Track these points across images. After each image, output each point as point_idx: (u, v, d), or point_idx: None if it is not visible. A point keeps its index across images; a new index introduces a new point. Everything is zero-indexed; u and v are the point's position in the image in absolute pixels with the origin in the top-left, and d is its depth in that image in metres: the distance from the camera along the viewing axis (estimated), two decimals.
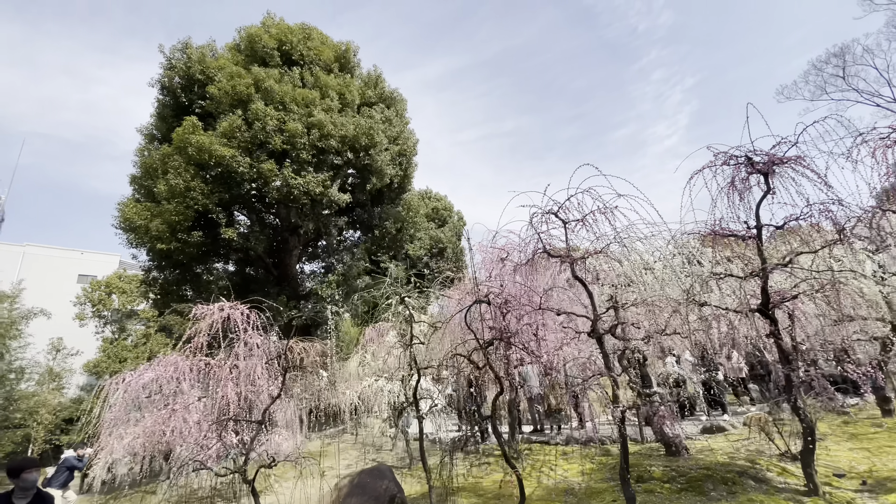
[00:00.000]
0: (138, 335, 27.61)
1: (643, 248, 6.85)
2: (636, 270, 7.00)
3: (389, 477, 7.26)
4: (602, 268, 6.90)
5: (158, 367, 10.90)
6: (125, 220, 12.25)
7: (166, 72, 13.60)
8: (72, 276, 32.47)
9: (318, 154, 12.59)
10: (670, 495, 6.09)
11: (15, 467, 3.53)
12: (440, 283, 21.15)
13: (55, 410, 25.36)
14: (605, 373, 5.51)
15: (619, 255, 6.79)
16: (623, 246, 6.55)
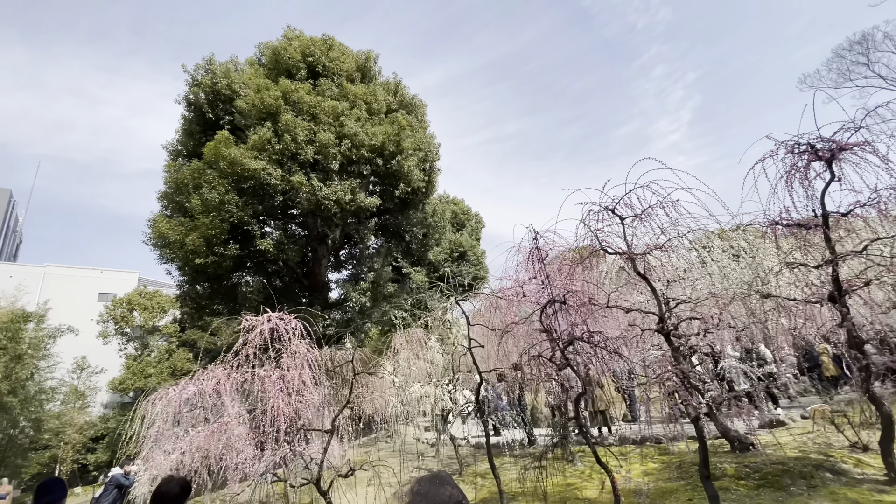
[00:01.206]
0: (161, 351, 27.72)
1: (703, 242, 6.77)
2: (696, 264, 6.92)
3: (452, 483, 7.17)
4: (654, 263, 6.81)
5: (201, 381, 10.91)
6: (159, 236, 12.33)
7: (192, 88, 13.74)
8: (92, 294, 32.76)
9: (347, 164, 12.64)
10: (748, 492, 5.95)
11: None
12: (463, 288, 21.05)
13: (82, 430, 25.46)
14: (675, 370, 5.41)
15: (679, 249, 6.71)
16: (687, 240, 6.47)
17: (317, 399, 8.93)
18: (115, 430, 26.45)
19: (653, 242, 6.31)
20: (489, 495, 7.91)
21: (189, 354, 28.52)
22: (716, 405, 5.00)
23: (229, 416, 9.63)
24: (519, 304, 9.08)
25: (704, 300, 6.06)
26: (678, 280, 7.01)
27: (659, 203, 6.08)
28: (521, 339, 9.27)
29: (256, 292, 12.63)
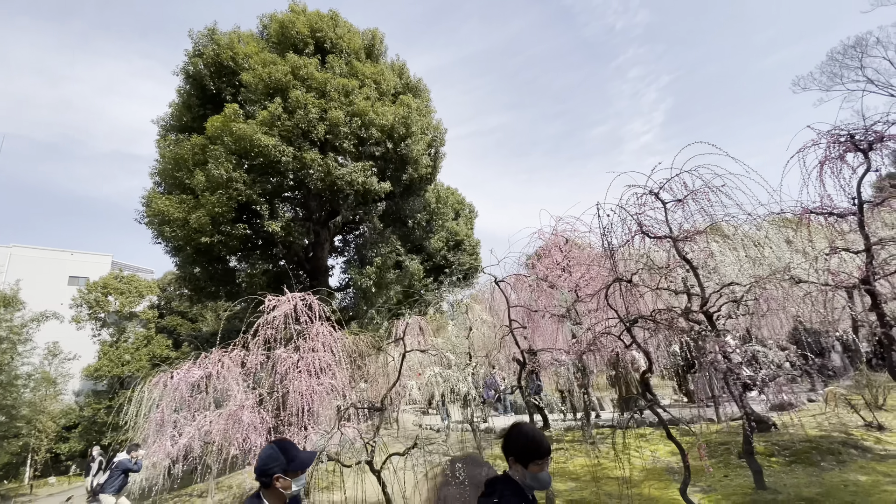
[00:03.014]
0: (139, 337, 26.63)
1: (745, 228, 6.88)
2: (726, 251, 7.06)
3: (487, 464, 7.16)
4: (690, 249, 6.91)
5: (207, 365, 10.54)
6: (157, 213, 11.72)
7: (192, 59, 13.04)
8: (62, 277, 31.10)
9: (359, 144, 12.30)
10: (781, 469, 6.18)
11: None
12: (460, 276, 21.00)
13: (55, 418, 24.32)
14: (721, 352, 5.51)
15: (719, 234, 6.81)
16: (729, 225, 6.57)
17: (342, 380, 8.76)
18: (90, 419, 25.38)
19: (692, 227, 6.39)
20: None
21: (169, 341, 27.53)
22: (764, 383, 5.17)
23: (240, 400, 9.34)
24: (542, 289, 9.11)
25: (745, 284, 6.19)
26: (704, 265, 7.15)
27: (702, 187, 6.13)
28: (544, 325, 9.31)
29: (260, 275, 12.20)
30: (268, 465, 1.90)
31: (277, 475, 1.88)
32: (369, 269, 13.37)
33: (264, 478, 1.89)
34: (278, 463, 1.90)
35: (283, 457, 1.92)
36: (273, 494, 1.91)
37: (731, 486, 5.81)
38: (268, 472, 1.89)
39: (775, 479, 5.79)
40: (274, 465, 1.89)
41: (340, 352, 9.22)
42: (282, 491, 1.91)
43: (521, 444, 1.81)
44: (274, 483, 1.89)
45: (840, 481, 5.62)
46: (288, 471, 1.91)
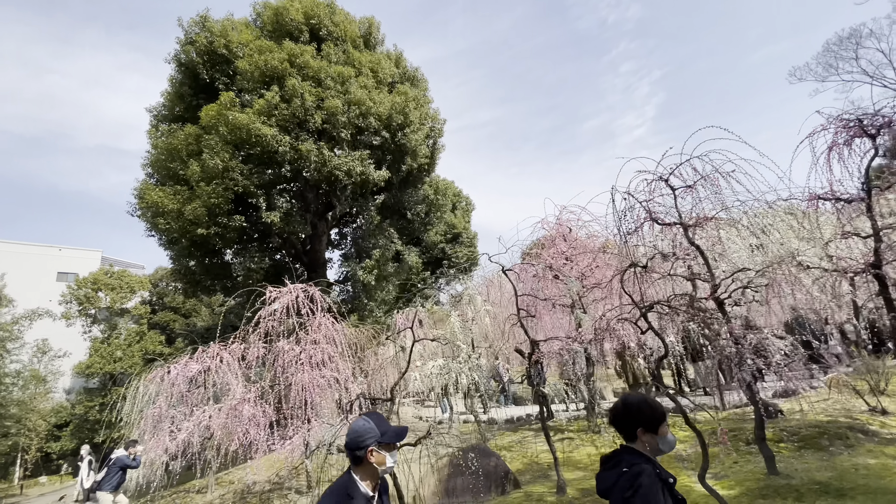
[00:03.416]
0: (131, 333, 26.21)
1: (754, 214, 6.83)
2: (733, 237, 7.02)
3: (496, 455, 7.10)
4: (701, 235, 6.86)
5: (205, 359, 10.32)
6: (151, 205, 11.42)
7: (184, 47, 12.69)
8: (50, 273, 30.48)
9: (356, 133, 12.08)
10: (791, 454, 6.18)
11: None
12: (458, 268, 20.84)
13: (46, 416, 23.90)
14: (733, 338, 5.47)
15: (731, 220, 6.77)
16: (738, 212, 6.52)
17: (345, 372, 8.62)
18: (82, 417, 24.97)
19: (700, 213, 6.34)
20: (522, 466, 7.92)
21: (161, 337, 27.15)
22: (779, 369, 5.15)
23: (241, 394, 9.17)
24: (547, 278, 9.03)
25: (758, 270, 6.15)
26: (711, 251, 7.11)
27: (712, 173, 6.07)
28: (547, 315, 9.23)
29: (258, 268, 11.96)
30: (361, 437, 1.74)
31: (371, 448, 1.73)
32: (368, 262, 13.20)
33: (357, 451, 1.73)
34: (372, 435, 1.74)
35: (377, 428, 1.77)
36: (366, 471, 1.76)
37: (742, 473, 5.79)
38: (361, 445, 1.72)
39: (786, 465, 5.79)
40: (368, 438, 1.73)
41: (343, 343, 9.10)
42: (376, 466, 1.76)
43: (648, 413, 1.75)
44: (367, 457, 1.73)
45: (850, 465, 5.63)
46: (382, 443, 1.77)
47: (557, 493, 5.90)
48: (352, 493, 1.67)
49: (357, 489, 1.70)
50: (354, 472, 1.75)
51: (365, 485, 1.73)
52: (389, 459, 1.78)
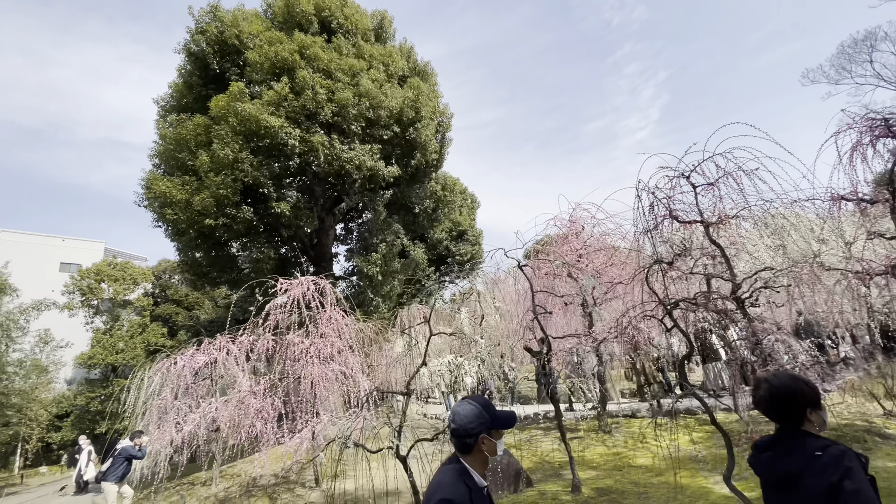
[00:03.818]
0: (133, 325, 26.14)
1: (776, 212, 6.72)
2: (752, 237, 6.92)
3: (507, 452, 7.03)
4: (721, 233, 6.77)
5: (211, 351, 10.24)
6: (158, 195, 11.33)
7: (194, 37, 12.58)
8: (53, 263, 30.42)
9: (367, 127, 11.98)
10: None
11: None
12: (463, 266, 20.71)
13: (47, 406, 23.87)
14: (754, 339, 5.38)
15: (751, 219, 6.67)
16: (760, 210, 6.42)
17: (355, 366, 8.55)
18: (83, 407, 24.93)
19: (721, 211, 6.24)
20: (533, 465, 7.84)
21: (164, 329, 27.08)
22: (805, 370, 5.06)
23: (249, 386, 9.10)
24: (562, 276, 8.93)
25: (781, 269, 6.06)
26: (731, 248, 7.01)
27: (735, 170, 5.96)
28: (559, 313, 9.13)
29: (266, 260, 11.88)
30: (472, 423, 1.61)
31: (483, 435, 1.61)
32: (375, 257, 13.12)
33: (467, 439, 1.61)
34: (483, 421, 1.62)
35: (486, 413, 1.65)
36: (477, 459, 1.64)
37: None
38: (472, 432, 1.60)
39: None
40: (478, 424, 1.61)
41: (352, 337, 9.01)
42: (486, 455, 1.65)
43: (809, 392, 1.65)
44: (479, 445, 1.62)
45: (870, 468, 5.51)
46: (492, 430, 1.64)
47: (573, 492, 5.83)
48: (469, 483, 1.56)
49: (472, 479, 1.58)
50: (464, 460, 1.63)
51: (478, 475, 1.62)
52: (500, 447, 1.67)
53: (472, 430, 1.60)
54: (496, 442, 1.65)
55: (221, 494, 8.99)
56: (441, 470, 1.66)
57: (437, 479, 1.61)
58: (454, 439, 1.69)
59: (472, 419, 1.61)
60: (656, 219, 6.43)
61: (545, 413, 11.19)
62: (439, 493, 1.51)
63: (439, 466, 1.77)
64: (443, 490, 1.51)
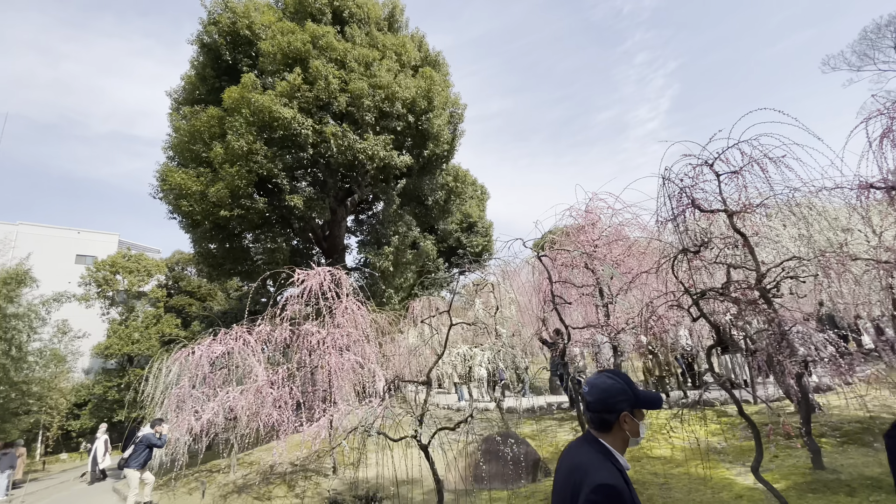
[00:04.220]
0: (148, 316, 26.58)
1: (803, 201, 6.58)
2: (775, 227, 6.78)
3: (525, 442, 7.03)
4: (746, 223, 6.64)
5: (228, 341, 10.34)
6: (174, 187, 11.41)
7: (207, 28, 12.57)
8: (69, 256, 30.90)
9: (380, 117, 11.92)
10: (833, 449, 6.01)
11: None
12: (473, 258, 20.68)
13: (67, 395, 24.41)
14: (780, 331, 5.28)
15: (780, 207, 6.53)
16: (791, 198, 6.28)
17: (372, 356, 8.59)
18: (101, 396, 25.48)
19: (746, 200, 6.11)
20: (549, 455, 7.83)
21: (178, 320, 27.50)
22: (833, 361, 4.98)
23: (266, 375, 9.19)
24: (579, 266, 8.85)
25: (809, 259, 5.93)
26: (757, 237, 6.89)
27: (761, 158, 5.82)
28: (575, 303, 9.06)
29: (279, 251, 11.94)
30: (614, 398, 1.46)
31: (626, 413, 1.46)
32: (387, 249, 13.12)
33: (608, 415, 1.46)
34: (626, 397, 1.46)
35: (630, 389, 1.49)
36: (618, 439, 1.48)
37: (785, 467, 5.64)
38: (614, 408, 1.45)
39: (830, 460, 5.62)
40: (621, 400, 1.46)
41: (368, 328, 9.04)
42: (628, 435, 1.48)
43: None
44: (620, 423, 1.46)
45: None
46: (635, 408, 1.48)
47: None
48: (616, 464, 1.41)
49: (618, 461, 1.43)
50: (603, 439, 1.47)
51: (621, 456, 1.46)
52: (642, 430, 1.50)
53: (614, 406, 1.46)
54: (639, 423, 1.49)
55: (240, 482, 9.12)
56: (577, 450, 1.52)
57: (579, 460, 1.46)
58: (590, 414, 1.53)
59: (615, 394, 1.47)
60: (677, 208, 6.33)
61: (559, 404, 11.17)
62: (592, 476, 1.35)
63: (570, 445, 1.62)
64: (596, 473, 1.36)
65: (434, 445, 6.15)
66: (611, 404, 1.47)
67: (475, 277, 22.46)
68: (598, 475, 1.34)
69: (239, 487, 8.68)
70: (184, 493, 9.36)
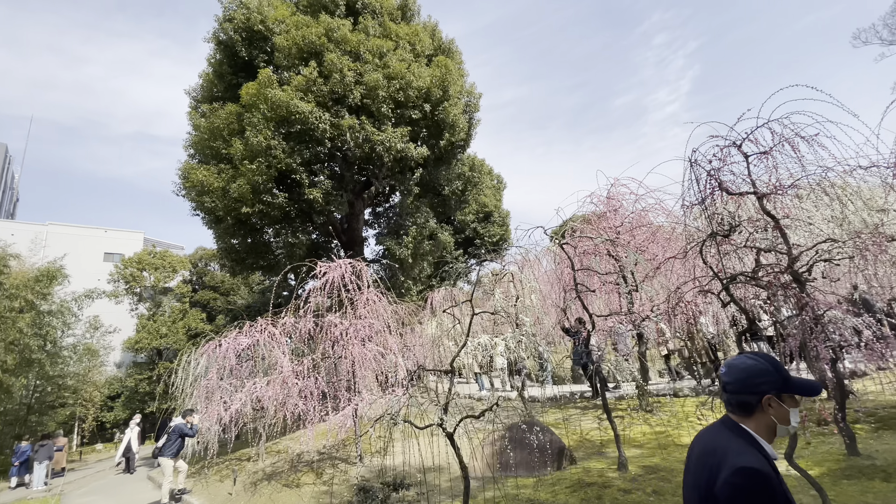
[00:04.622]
0: (174, 311, 27.37)
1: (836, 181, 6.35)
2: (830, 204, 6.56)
3: (549, 430, 7.04)
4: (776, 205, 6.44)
5: (253, 333, 10.54)
6: (196, 184, 11.63)
7: (222, 25, 12.68)
8: (97, 254, 31.92)
9: (395, 108, 11.90)
10: (868, 435, 5.86)
11: None
12: (490, 247, 20.58)
13: (100, 388, 25.37)
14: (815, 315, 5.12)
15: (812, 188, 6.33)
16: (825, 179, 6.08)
17: (393, 346, 8.67)
18: (133, 389, 26.44)
19: (776, 181, 5.91)
20: (574, 443, 7.82)
21: (203, 314, 28.25)
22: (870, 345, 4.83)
23: (291, 366, 9.37)
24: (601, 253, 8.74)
25: (845, 240, 5.74)
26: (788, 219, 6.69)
27: (792, 137, 5.62)
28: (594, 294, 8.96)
29: (300, 245, 12.10)
30: (755, 379, 1.36)
31: (769, 395, 1.34)
32: (406, 239, 13.17)
33: (747, 397, 1.36)
34: (770, 378, 1.35)
35: (777, 372, 1.36)
36: (761, 425, 1.36)
37: (818, 454, 5.52)
38: (754, 389, 1.34)
39: (864, 446, 5.48)
40: (764, 381, 1.35)
41: (389, 318, 9.12)
42: (773, 420, 1.34)
43: None
44: (763, 407, 1.34)
45: None
46: (783, 392, 1.35)
47: (619, 470, 5.78)
48: (762, 451, 1.30)
49: (763, 448, 1.31)
50: (745, 424, 1.37)
51: (768, 444, 1.34)
52: (793, 418, 1.36)
53: (754, 388, 1.35)
54: (789, 409, 1.35)
55: (269, 469, 9.36)
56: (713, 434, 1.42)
57: (716, 444, 1.36)
58: (728, 396, 1.43)
59: (757, 374, 1.37)
60: (704, 191, 6.17)
61: (581, 393, 11.13)
62: (733, 459, 1.25)
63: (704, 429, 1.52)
64: (737, 456, 1.25)
65: (459, 433, 6.20)
66: (751, 386, 1.37)
67: (494, 267, 22.40)
68: (740, 458, 1.25)
69: (268, 475, 8.91)
70: (216, 480, 9.66)
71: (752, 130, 5.73)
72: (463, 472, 5.33)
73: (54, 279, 16.10)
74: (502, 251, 20.08)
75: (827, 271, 7.62)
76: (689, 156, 5.19)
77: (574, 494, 5.32)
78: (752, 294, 6.73)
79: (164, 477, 8.70)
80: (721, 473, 1.24)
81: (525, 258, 12.49)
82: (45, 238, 31.02)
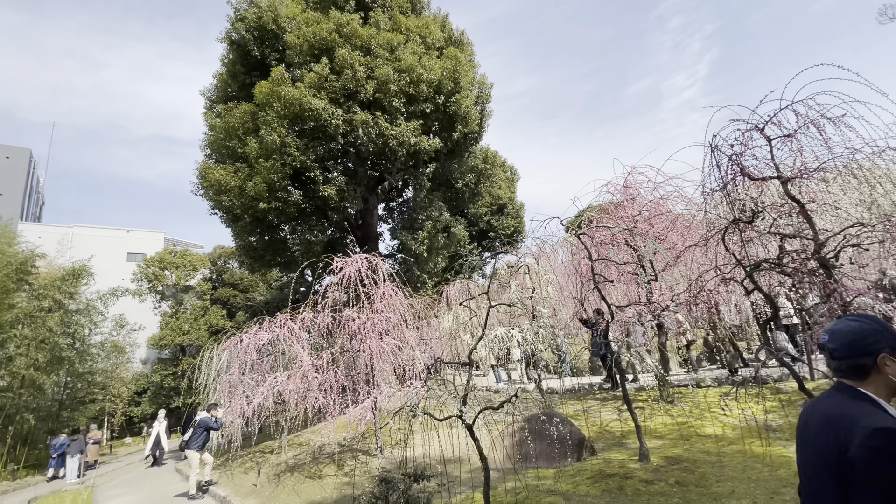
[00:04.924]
0: (196, 308, 28.02)
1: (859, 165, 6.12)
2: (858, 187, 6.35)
3: (569, 422, 7.01)
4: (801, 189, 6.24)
5: (273, 328, 10.69)
6: (213, 183, 11.83)
7: (234, 24, 12.80)
8: (121, 254, 32.80)
9: (408, 102, 11.88)
10: None
11: None
12: (504, 240, 20.47)
13: (127, 383, 26.17)
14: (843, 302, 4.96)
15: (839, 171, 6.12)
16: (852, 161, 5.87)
17: (411, 339, 8.72)
18: (158, 384, 27.22)
19: (801, 165, 5.72)
20: (593, 434, 7.77)
21: (223, 311, 28.85)
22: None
23: (311, 360, 9.49)
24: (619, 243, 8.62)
25: (873, 225, 5.54)
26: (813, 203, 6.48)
27: (818, 119, 5.42)
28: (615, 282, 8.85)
29: (316, 242, 12.23)
30: (865, 339, 1.30)
31: (884, 354, 1.27)
32: (421, 234, 13.19)
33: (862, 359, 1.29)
34: (881, 337, 1.29)
35: (886, 330, 1.31)
36: (880, 386, 1.29)
37: None
38: (867, 350, 1.28)
39: None
40: (875, 341, 1.29)
41: (406, 312, 9.17)
42: (893, 379, 1.27)
43: None
44: (880, 367, 1.28)
45: None
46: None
47: (641, 461, 5.73)
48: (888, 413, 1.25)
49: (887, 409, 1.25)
50: (862, 388, 1.30)
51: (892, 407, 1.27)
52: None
53: (867, 349, 1.29)
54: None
55: (291, 461, 9.53)
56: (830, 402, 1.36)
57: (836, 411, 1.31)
58: (837, 363, 1.35)
59: (867, 335, 1.30)
60: (726, 177, 6.01)
61: (599, 384, 11.04)
62: (864, 421, 1.20)
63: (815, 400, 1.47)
64: (867, 418, 1.20)
65: (478, 425, 6.21)
66: (863, 347, 1.30)
67: (509, 259, 22.35)
68: (873, 419, 1.19)
69: (291, 467, 9.08)
70: (240, 472, 9.88)
71: (776, 113, 5.56)
72: (483, 463, 5.34)
73: (80, 277, 16.60)
74: (517, 243, 19.96)
75: (855, 257, 7.41)
76: (709, 141, 5.06)
77: (595, 485, 5.29)
78: (776, 282, 6.56)
79: (190, 469, 8.94)
80: (854, 438, 1.18)
81: (541, 249, 12.38)
82: (70, 240, 31.91)
